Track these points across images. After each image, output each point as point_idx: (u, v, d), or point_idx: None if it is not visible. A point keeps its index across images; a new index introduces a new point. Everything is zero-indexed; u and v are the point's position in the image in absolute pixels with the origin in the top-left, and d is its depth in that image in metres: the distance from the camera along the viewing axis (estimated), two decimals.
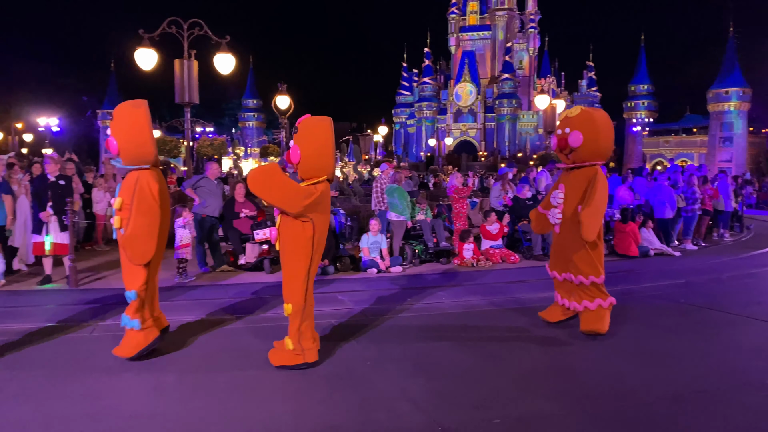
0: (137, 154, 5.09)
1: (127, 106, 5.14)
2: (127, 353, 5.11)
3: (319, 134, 4.86)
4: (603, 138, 5.71)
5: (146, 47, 13.24)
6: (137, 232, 4.97)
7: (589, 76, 72.38)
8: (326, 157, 4.90)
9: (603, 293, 5.84)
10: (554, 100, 27.19)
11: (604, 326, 5.79)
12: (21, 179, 10.00)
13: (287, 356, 4.99)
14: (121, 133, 5.04)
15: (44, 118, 50.26)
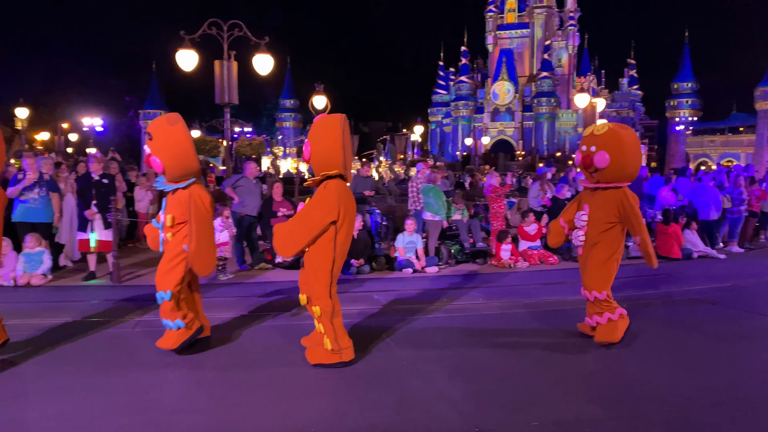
0: (183, 170, 5.16)
1: (163, 123, 5.17)
2: (171, 345, 5.21)
3: (329, 131, 4.92)
4: (630, 160, 5.50)
5: (187, 48, 13.50)
6: (202, 247, 5.09)
7: (631, 74, 70.91)
8: (335, 152, 4.89)
9: (609, 306, 5.69)
10: (594, 99, 26.80)
11: (616, 336, 5.64)
12: (67, 178, 10.32)
13: (325, 355, 5.03)
14: (164, 152, 5.09)
15: (88, 118, 51.68)
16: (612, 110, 66.38)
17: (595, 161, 5.43)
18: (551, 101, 64.42)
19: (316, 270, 4.94)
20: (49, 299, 7.53)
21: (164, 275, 5.21)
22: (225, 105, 13.84)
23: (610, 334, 5.64)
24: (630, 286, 8.55)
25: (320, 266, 4.93)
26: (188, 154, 5.19)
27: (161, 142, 5.10)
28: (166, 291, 5.16)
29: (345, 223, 4.95)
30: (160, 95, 63.11)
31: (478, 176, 26.86)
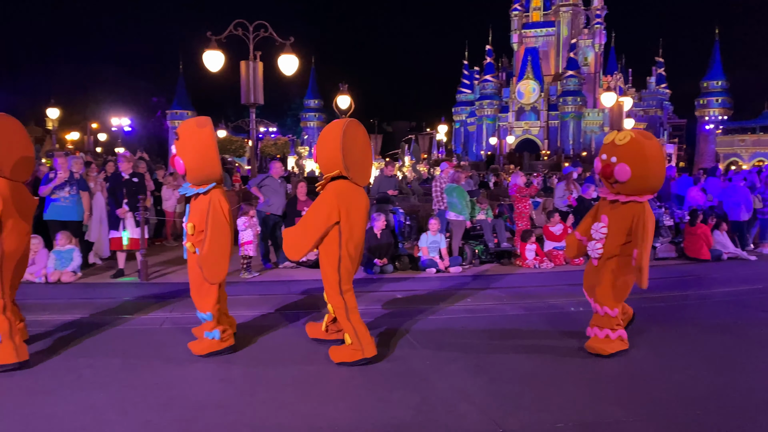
0: (205, 174, 5.21)
1: (192, 125, 5.23)
2: (199, 351, 5.29)
3: (331, 134, 5.08)
4: (653, 173, 5.20)
5: (214, 49, 13.65)
6: (214, 252, 5.13)
7: (659, 73, 69.83)
8: (335, 154, 4.99)
9: (613, 325, 5.48)
10: (621, 98, 26.42)
11: (607, 349, 5.40)
12: (96, 177, 10.52)
13: (347, 352, 5.10)
14: (188, 154, 5.15)
15: (117, 118, 52.59)
16: (639, 109, 65.46)
17: (615, 173, 5.20)
18: (577, 100, 63.72)
19: (325, 269, 5.12)
20: (79, 296, 7.69)
21: (202, 297, 5.27)
22: (250, 105, 13.96)
23: (603, 345, 5.42)
24: (657, 288, 8.44)
25: (327, 265, 5.08)
26: (211, 159, 5.22)
27: (186, 144, 5.16)
28: (206, 312, 5.25)
29: (350, 221, 5.04)
30: (187, 96, 63.98)
31: (502, 176, 26.71)
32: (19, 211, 5.06)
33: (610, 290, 5.47)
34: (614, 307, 5.46)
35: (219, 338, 5.29)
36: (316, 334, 5.76)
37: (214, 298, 5.25)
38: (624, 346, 5.48)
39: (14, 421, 3.93)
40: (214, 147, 5.27)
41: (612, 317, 5.46)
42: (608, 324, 5.47)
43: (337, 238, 5.02)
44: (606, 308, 5.49)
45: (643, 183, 5.21)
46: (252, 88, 13.54)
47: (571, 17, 66.61)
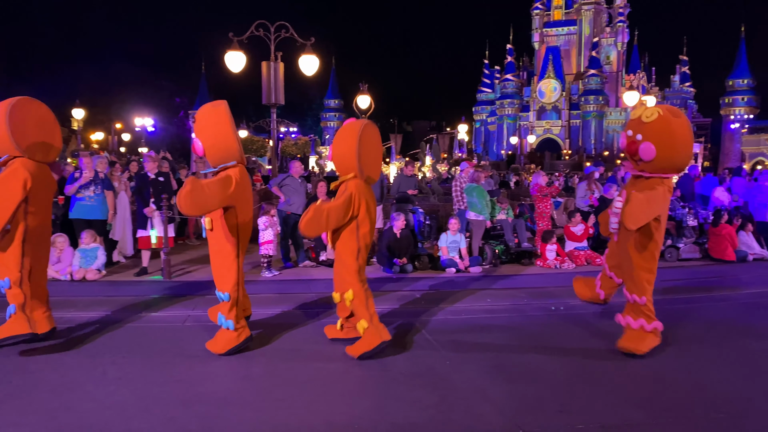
0: (223, 152, 5.26)
1: (207, 106, 5.43)
2: (219, 350, 5.30)
3: (346, 139, 5.30)
4: (679, 152, 5.02)
5: (235, 50, 13.77)
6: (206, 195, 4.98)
7: (683, 71, 68.86)
8: (350, 158, 5.23)
9: (647, 315, 5.36)
10: (644, 97, 26.13)
11: (642, 348, 5.28)
12: (120, 177, 10.67)
13: (366, 340, 5.21)
14: (205, 133, 5.26)
15: (140, 118, 53.25)
16: None
17: (640, 151, 5.02)
18: (599, 99, 63.11)
19: (344, 259, 5.33)
20: (103, 293, 7.82)
21: (222, 276, 5.31)
22: (271, 105, 14.06)
23: (636, 342, 5.30)
24: (681, 289, 8.34)
25: (348, 256, 5.30)
26: (228, 135, 5.28)
27: (203, 123, 5.31)
28: (224, 292, 5.29)
29: (368, 216, 5.36)
30: (209, 96, 64.45)
31: (523, 175, 26.56)
32: (44, 191, 5.40)
33: (635, 277, 5.35)
34: (642, 295, 5.33)
35: (233, 329, 5.29)
36: (334, 335, 5.81)
37: (234, 279, 5.29)
38: (658, 340, 5.36)
39: (41, 416, 4.02)
40: (230, 123, 5.33)
41: (642, 305, 5.34)
42: (642, 314, 5.34)
43: (356, 231, 5.29)
44: (635, 296, 5.39)
45: (669, 163, 5.06)
46: (273, 88, 13.63)
47: (593, 16, 65.98)
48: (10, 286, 5.22)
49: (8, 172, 5.15)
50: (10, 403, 4.22)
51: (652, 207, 5.08)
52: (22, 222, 5.19)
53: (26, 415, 4.04)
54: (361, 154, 5.20)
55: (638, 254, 5.36)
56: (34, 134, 5.31)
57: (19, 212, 5.16)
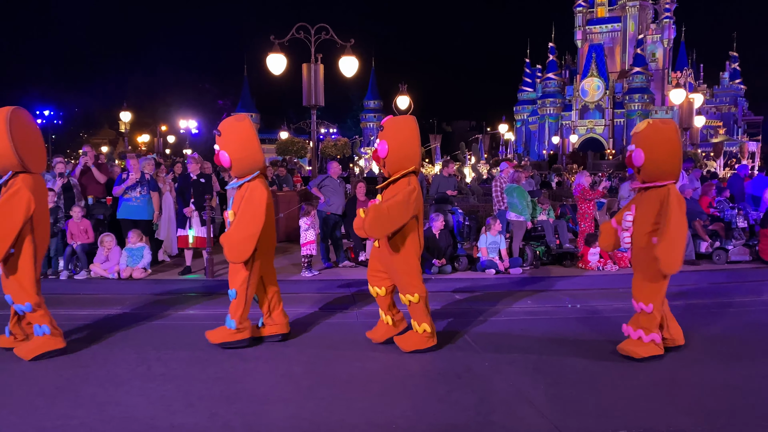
0: (249, 164, 5.45)
1: (231, 121, 5.54)
2: (214, 339, 5.54)
3: (407, 133, 5.31)
4: (666, 155, 5.15)
5: (277, 53, 13.97)
6: (245, 235, 5.26)
7: (732, 68, 66.67)
8: (414, 150, 5.31)
9: (648, 326, 5.25)
10: (691, 95, 25.38)
11: (641, 352, 5.21)
12: (165, 178, 10.94)
13: (421, 340, 5.36)
14: (232, 147, 5.39)
15: (184, 121, 54.47)
16: (711, 106, 62.74)
17: (633, 160, 5.28)
18: (644, 97, 61.63)
19: (408, 260, 5.30)
20: (149, 291, 8.03)
21: (233, 274, 5.50)
22: (312, 107, 14.21)
23: (635, 347, 5.25)
24: (729, 292, 8.10)
25: (411, 257, 5.31)
26: (255, 148, 5.51)
27: (229, 137, 5.43)
28: (232, 289, 5.47)
29: (420, 216, 5.41)
30: (251, 98, 65.51)
31: (565, 175, 26.15)
32: (43, 203, 5.39)
33: (641, 284, 5.32)
34: (648, 303, 5.24)
35: (234, 328, 5.45)
36: (383, 336, 5.70)
37: (245, 277, 5.41)
38: (659, 351, 5.26)
39: (90, 409, 4.16)
40: (255, 137, 5.60)
41: (648, 313, 5.25)
42: (644, 323, 5.27)
43: (417, 230, 5.34)
44: (641, 304, 5.29)
45: (658, 166, 5.17)
46: (313, 90, 13.77)
47: (638, 12, 64.47)
48: (33, 310, 5.21)
49: (11, 194, 5.07)
50: (62, 396, 4.38)
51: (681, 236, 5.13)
52: (31, 243, 5.17)
53: (77, 407, 4.18)
54: (415, 147, 5.32)
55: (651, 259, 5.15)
56: (31, 145, 5.23)
57: (26, 233, 5.13)
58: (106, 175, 10.23)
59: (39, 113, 55.71)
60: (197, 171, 9.33)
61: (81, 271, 9.04)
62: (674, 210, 5.04)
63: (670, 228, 4.99)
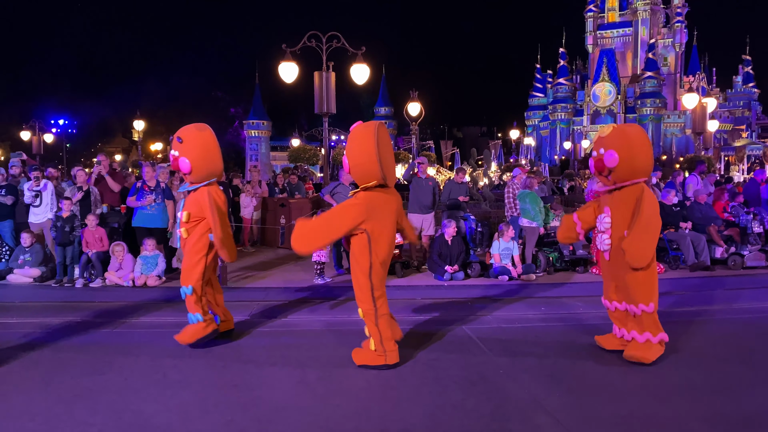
0: (209, 172, 5.79)
1: (194, 130, 5.82)
2: (187, 339, 5.66)
3: (363, 144, 5.04)
4: (640, 154, 5.31)
5: (288, 61, 14.06)
6: (225, 235, 5.75)
7: (746, 71, 66.12)
8: (371, 165, 4.99)
9: (654, 326, 5.27)
10: (704, 99, 25.23)
11: (650, 356, 5.19)
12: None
13: (370, 356, 5.26)
14: (194, 154, 5.70)
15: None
16: (725, 110, 62.19)
17: (605, 161, 5.32)
18: (656, 102, 61.22)
19: (357, 276, 5.22)
20: (163, 298, 8.08)
21: (187, 272, 5.73)
22: (323, 114, 14.26)
23: (643, 351, 5.23)
24: (744, 298, 8.02)
25: (360, 273, 5.19)
26: (215, 156, 5.84)
27: (192, 145, 5.73)
28: (188, 286, 5.67)
29: (379, 229, 5.12)
30: (263, 106, 65.90)
31: (578, 181, 26.04)
32: None
33: (637, 284, 5.26)
34: (649, 302, 5.24)
35: (202, 320, 5.65)
36: None
37: (199, 273, 5.69)
38: (662, 350, 5.28)
39: (108, 416, 4.19)
40: (216, 146, 5.88)
41: (650, 313, 5.25)
42: (648, 325, 5.26)
43: (367, 247, 5.12)
44: (641, 305, 5.26)
45: (633, 165, 5.26)
46: (325, 97, 13.83)
47: (650, 16, 64.19)
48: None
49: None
50: (80, 403, 4.42)
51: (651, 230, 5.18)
52: None
53: (95, 414, 4.22)
54: (382, 159, 4.97)
55: None
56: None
57: None
58: (120, 183, 10.33)
59: (54, 122, 56.33)
60: None
61: (96, 278, 9.12)
62: (647, 205, 5.17)
63: (641, 221, 5.13)
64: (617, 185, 5.38)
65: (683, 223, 10.58)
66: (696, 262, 10.14)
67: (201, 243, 5.76)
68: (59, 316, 7.06)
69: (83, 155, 66.23)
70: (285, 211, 13.34)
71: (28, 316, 7.07)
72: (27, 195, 9.88)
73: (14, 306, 7.67)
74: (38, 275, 9.41)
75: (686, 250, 10.27)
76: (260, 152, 58.64)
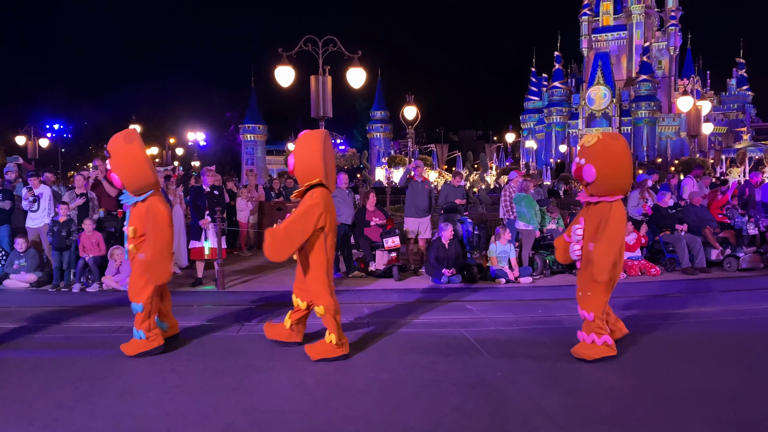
0: (140, 183, 5.63)
1: (120, 141, 5.61)
2: (130, 352, 5.65)
3: (310, 146, 5.42)
4: (619, 172, 5.33)
5: (285, 65, 14.08)
6: (156, 256, 5.54)
7: (740, 74, 66.45)
8: (315, 164, 5.36)
9: (599, 329, 5.44)
10: (699, 102, 25.35)
11: (592, 354, 5.38)
12: (176, 190, 11.02)
13: (329, 349, 5.44)
14: (121, 169, 5.59)
15: (192, 133, 54.81)
16: (719, 113, 62.50)
17: (583, 175, 5.37)
18: (651, 105, 61.46)
19: (315, 273, 5.39)
20: None
21: (138, 289, 5.64)
22: (320, 118, 14.28)
23: (587, 350, 5.43)
24: (739, 300, 8.07)
25: (318, 269, 5.38)
26: (144, 169, 5.60)
27: (118, 160, 5.60)
28: (138, 303, 5.64)
29: (331, 227, 5.47)
30: (259, 110, 65.87)
31: (573, 184, 26.11)
32: None
33: (592, 295, 5.46)
34: (590, 311, 5.45)
35: (145, 338, 5.64)
36: (276, 336, 5.94)
37: (150, 292, 5.62)
38: (611, 352, 5.43)
39: (107, 421, 4.19)
40: (144, 157, 5.66)
41: (590, 321, 5.46)
42: (594, 328, 5.45)
43: (324, 244, 5.39)
44: (583, 312, 5.52)
45: (610, 182, 5.31)
46: (321, 101, 13.85)
47: (644, 20, 64.47)
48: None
49: None
50: (79, 408, 4.42)
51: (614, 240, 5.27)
52: None
53: (94, 419, 4.21)
54: (326, 161, 5.37)
55: None
56: None
57: None
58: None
59: (49, 127, 56.20)
60: (212, 183, 9.40)
61: (93, 283, 9.11)
62: (614, 221, 5.27)
63: (605, 236, 5.23)
64: (593, 199, 5.47)
65: (679, 226, 10.63)
66: (691, 265, 10.19)
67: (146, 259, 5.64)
68: (56, 321, 7.06)
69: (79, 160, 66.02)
70: (281, 215, 13.35)
71: (25, 321, 7.05)
72: (25, 202, 9.87)
73: (11, 311, 7.65)
74: (35, 280, 9.39)
75: (681, 252, 10.32)
76: (256, 156, 58.68)
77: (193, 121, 58.88)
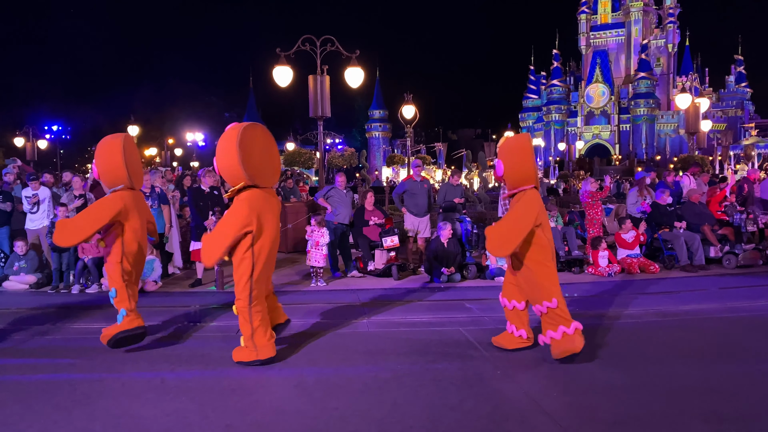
0: (112, 177, 5.89)
1: (107, 139, 6.01)
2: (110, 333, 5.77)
3: (225, 148, 5.23)
4: (521, 163, 5.57)
5: (283, 65, 14.06)
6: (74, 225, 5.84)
7: (738, 71, 66.48)
8: (234, 168, 5.19)
9: (564, 319, 5.28)
10: (697, 99, 25.35)
11: (576, 346, 5.21)
12: (172, 191, 11.03)
13: (243, 353, 5.40)
14: (98, 160, 5.97)
15: (191, 133, 54.77)
16: (718, 110, 62.53)
17: (496, 171, 5.78)
18: (650, 102, 61.54)
19: (240, 276, 5.27)
20: (160, 303, 8.07)
21: (109, 276, 5.88)
22: (318, 118, 14.27)
23: (568, 344, 5.21)
24: (738, 297, 8.08)
25: (241, 273, 5.27)
26: (116, 165, 5.83)
27: (98, 152, 5.99)
28: (111, 289, 5.83)
29: (262, 230, 5.25)
30: (257, 111, 65.84)
31: (572, 182, 26.13)
32: None
33: (540, 283, 5.37)
34: (551, 297, 5.30)
35: (126, 313, 5.77)
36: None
37: (119, 275, 5.80)
38: (582, 340, 5.26)
39: (106, 422, 4.19)
40: (119, 155, 5.83)
41: (554, 308, 5.28)
42: (558, 320, 5.28)
43: (249, 247, 5.23)
44: (545, 302, 5.32)
45: (516, 173, 5.55)
46: (320, 101, 13.83)
47: (642, 17, 64.48)
48: None
49: None
50: (78, 409, 4.42)
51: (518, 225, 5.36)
52: None
53: (93, 421, 4.22)
54: (245, 161, 5.12)
55: (531, 257, 5.42)
56: None
57: None
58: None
59: (47, 129, 56.16)
60: (211, 183, 9.38)
61: (92, 284, 9.11)
62: (522, 203, 5.44)
63: (509, 215, 5.52)
64: (512, 191, 5.66)
65: (677, 223, 10.63)
66: (690, 262, 10.19)
67: (116, 248, 5.84)
68: (55, 323, 7.07)
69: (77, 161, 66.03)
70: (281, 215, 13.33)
71: (24, 323, 7.06)
72: (25, 204, 9.87)
73: (10, 312, 7.66)
74: (34, 282, 9.40)
75: (680, 249, 10.33)
76: None
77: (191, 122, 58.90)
